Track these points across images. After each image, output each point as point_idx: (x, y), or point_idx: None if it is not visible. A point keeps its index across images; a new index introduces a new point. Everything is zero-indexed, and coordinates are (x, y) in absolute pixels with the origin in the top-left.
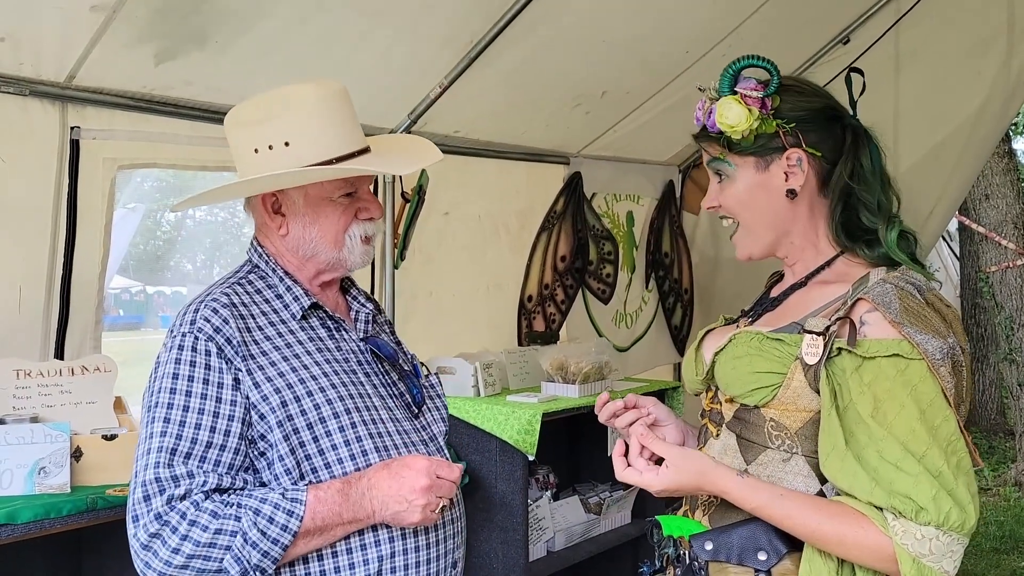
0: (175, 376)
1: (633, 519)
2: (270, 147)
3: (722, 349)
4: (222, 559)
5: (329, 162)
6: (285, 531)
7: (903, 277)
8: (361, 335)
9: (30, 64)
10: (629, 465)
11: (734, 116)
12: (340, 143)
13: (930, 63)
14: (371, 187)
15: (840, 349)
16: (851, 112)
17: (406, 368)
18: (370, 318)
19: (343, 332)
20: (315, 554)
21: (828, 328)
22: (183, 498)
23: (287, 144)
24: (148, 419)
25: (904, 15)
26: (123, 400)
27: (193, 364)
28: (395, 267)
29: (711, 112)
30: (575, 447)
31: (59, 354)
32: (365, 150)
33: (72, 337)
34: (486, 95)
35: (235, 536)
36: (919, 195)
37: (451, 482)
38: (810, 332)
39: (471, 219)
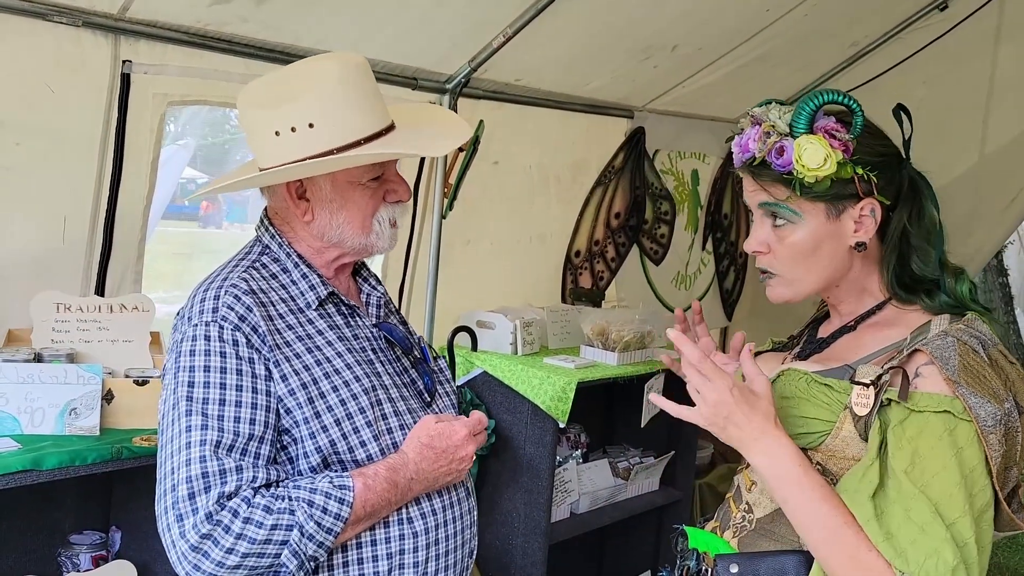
0: (206, 368)
1: (661, 487)
2: (293, 129)
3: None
4: (279, 554)
5: (356, 143)
6: (338, 519)
7: (968, 330)
8: (373, 320)
9: None
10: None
11: (817, 158)
12: (366, 123)
13: None
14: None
15: (890, 400)
16: (904, 153)
17: (417, 355)
18: (382, 302)
19: (357, 319)
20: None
21: (880, 376)
22: (233, 495)
23: (311, 126)
24: (180, 413)
25: None
26: (160, 337)
27: (223, 355)
28: (443, 217)
29: (784, 150)
30: (610, 408)
31: (99, 288)
32: (391, 127)
33: (113, 272)
34: (551, 45)
35: (291, 530)
36: (1001, 181)
37: (484, 433)
38: (859, 383)
39: (521, 169)
